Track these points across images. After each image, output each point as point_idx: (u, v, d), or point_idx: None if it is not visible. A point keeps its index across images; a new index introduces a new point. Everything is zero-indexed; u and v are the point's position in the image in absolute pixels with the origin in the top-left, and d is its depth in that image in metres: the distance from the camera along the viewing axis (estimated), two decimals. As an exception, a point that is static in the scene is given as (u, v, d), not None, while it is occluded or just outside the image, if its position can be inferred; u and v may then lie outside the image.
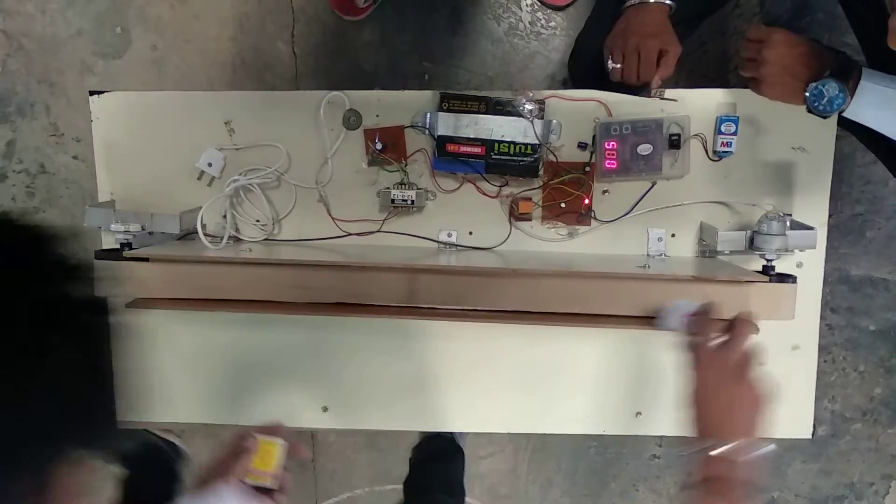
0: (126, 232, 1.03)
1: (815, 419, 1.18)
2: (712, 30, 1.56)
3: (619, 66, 1.07)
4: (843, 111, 0.93)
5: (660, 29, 1.04)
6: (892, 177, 1.15)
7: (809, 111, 0.95)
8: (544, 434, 1.42)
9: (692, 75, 1.57)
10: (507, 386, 1.17)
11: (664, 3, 1.04)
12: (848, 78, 0.92)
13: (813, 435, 1.18)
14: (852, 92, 0.92)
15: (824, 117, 0.95)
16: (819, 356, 1.41)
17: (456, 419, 1.19)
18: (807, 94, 0.94)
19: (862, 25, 1.11)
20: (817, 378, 1.20)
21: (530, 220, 1.13)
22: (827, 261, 1.15)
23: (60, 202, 1.69)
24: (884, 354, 1.68)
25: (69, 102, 1.64)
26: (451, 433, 1.57)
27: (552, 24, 1.58)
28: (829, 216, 1.14)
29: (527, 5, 1.58)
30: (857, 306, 1.66)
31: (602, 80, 1.13)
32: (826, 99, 0.92)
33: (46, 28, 1.62)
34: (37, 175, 1.68)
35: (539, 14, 1.58)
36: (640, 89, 1.13)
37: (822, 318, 1.40)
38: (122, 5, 1.61)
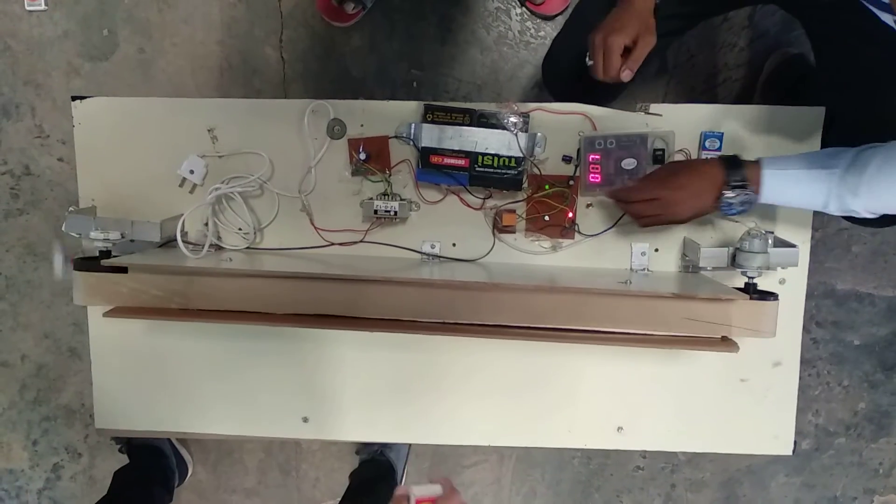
0: (105, 240, 1.02)
1: (799, 433, 1.18)
2: (701, 42, 1.56)
3: (590, 63, 1.01)
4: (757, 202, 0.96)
5: (627, 23, 0.96)
6: None
7: (728, 216, 1.00)
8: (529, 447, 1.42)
9: (680, 88, 1.57)
10: (489, 399, 1.16)
11: None
12: (742, 176, 0.94)
13: (795, 449, 1.18)
14: (757, 183, 0.94)
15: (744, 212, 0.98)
16: (804, 370, 1.41)
17: (438, 431, 1.19)
18: (720, 209, 0.97)
19: (816, 34, 1.11)
20: (802, 392, 1.20)
21: (514, 232, 1.12)
22: (812, 275, 1.14)
23: (45, 204, 1.67)
24: (868, 369, 1.68)
25: (55, 104, 1.63)
26: (387, 457, 1.59)
27: (541, 33, 1.58)
28: (815, 231, 1.14)
29: (516, 14, 1.57)
30: (842, 321, 1.66)
31: (574, 86, 1.13)
32: (737, 206, 0.96)
33: (33, 29, 1.61)
34: (21, 177, 1.66)
35: (528, 23, 1.58)
36: (612, 96, 1.12)
37: (807, 332, 1.39)
38: (110, 7, 1.60)
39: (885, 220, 0.95)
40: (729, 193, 0.95)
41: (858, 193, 0.89)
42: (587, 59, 1.00)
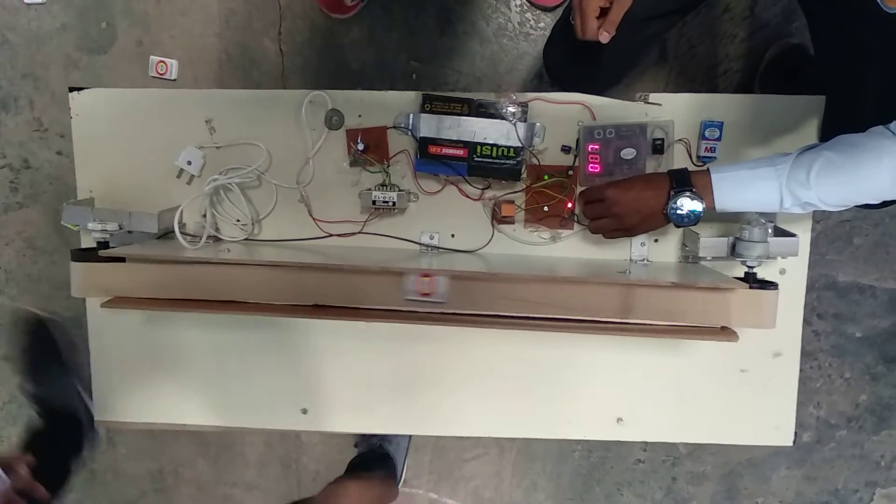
0: (103, 231, 1.02)
1: (800, 425, 1.17)
2: (701, 33, 1.55)
3: (573, 22, 1.01)
4: (710, 209, 0.95)
5: None
6: None
7: (679, 225, 0.97)
8: (529, 437, 1.42)
9: (680, 79, 1.56)
10: (489, 390, 1.16)
11: None
12: (688, 184, 0.94)
13: (796, 441, 1.18)
14: (704, 192, 0.94)
15: (695, 223, 0.96)
16: (805, 362, 1.40)
17: (437, 423, 1.18)
18: (667, 217, 0.96)
19: (816, 26, 1.10)
20: (803, 384, 1.19)
21: (513, 223, 1.12)
22: (814, 267, 1.14)
23: (44, 198, 1.67)
24: (869, 361, 1.68)
25: (53, 98, 1.62)
26: (386, 451, 1.59)
27: (541, 24, 1.57)
28: (817, 222, 1.14)
29: (516, 6, 1.57)
30: (843, 313, 1.65)
31: (574, 71, 1.12)
32: (685, 212, 0.95)
33: (31, 22, 1.60)
34: (20, 170, 1.66)
35: (528, 15, 1.57)
36: (612, 82, 1.11)
37: (808, 324, 1.38)
38: (108, 0, 1.59)
39: (884, 201, 0.94)
40: (674, 199, 0.95)
41: (809, 184, 0.89)
42: (570, 18, 1.01)
